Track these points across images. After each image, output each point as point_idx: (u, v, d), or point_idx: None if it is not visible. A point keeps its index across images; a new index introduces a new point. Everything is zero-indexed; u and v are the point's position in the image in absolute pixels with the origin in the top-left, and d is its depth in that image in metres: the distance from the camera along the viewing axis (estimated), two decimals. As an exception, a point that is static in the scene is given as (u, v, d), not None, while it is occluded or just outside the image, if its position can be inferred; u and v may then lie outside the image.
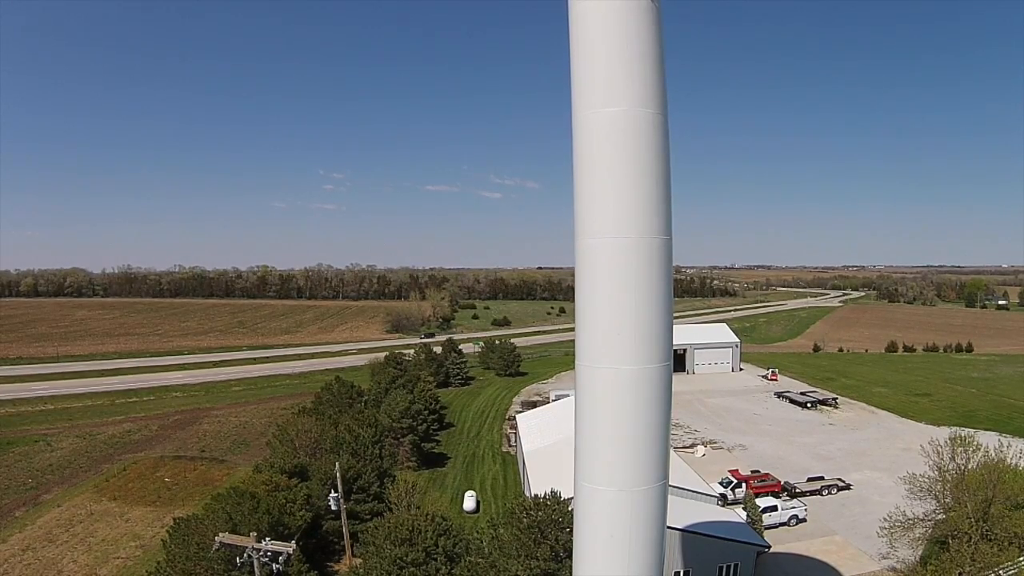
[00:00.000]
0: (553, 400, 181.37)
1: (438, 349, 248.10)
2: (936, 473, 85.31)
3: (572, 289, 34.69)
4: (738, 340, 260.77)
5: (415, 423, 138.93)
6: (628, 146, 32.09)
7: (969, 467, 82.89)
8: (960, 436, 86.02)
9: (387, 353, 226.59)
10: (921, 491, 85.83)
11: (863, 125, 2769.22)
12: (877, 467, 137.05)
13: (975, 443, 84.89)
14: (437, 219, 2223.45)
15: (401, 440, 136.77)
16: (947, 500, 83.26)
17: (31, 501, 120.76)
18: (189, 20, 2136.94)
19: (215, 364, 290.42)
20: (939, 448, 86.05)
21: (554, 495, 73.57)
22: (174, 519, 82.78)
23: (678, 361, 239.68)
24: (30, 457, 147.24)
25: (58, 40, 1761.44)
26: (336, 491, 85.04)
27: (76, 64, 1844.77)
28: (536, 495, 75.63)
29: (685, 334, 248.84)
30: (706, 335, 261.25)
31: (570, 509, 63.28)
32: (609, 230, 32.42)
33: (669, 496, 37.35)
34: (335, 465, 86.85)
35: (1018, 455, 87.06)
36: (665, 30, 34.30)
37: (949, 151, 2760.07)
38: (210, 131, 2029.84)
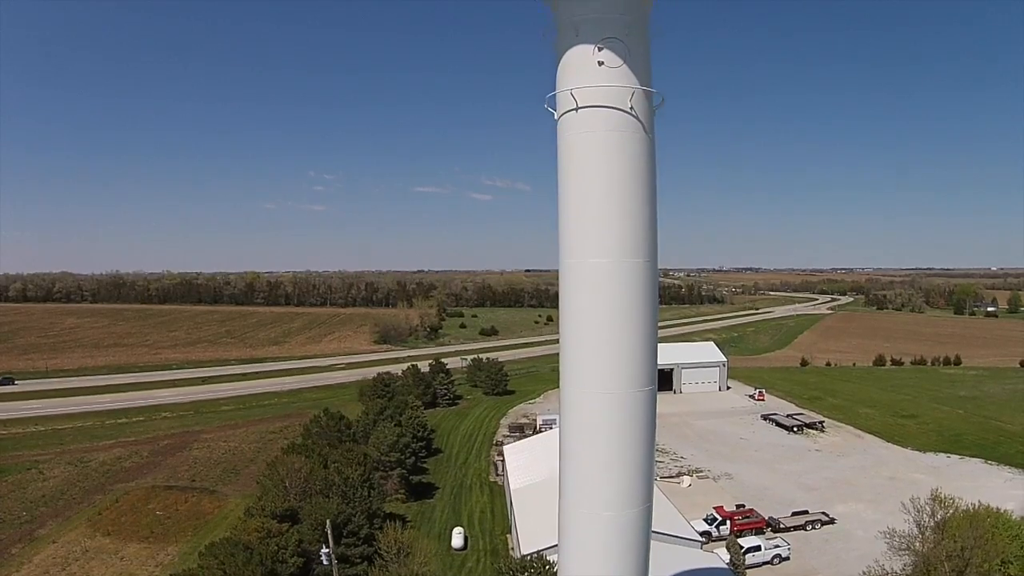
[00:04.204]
0: (540, 424, 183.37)
1: (425, 368, 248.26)
2: (916, 529, 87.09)
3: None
4: (725, 359, 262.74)
5: (403, 456, 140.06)
6: (616, 299, 32.84)
7: (948, 527, 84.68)
8: (940, 496, 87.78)
9: (376, 374, 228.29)
10: (900, 550, 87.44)
11: (852, 128, 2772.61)
12: (862, 498, 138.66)
13: (954, 504, 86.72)
14: (427, 221, 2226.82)
15: (390, 473, 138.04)
16: (926, 555, 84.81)
17: (26, 536, 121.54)
18: (179, 23, 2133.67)
19: (204, 380, 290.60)
20: (919, 506, 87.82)
21: (540, 557, 74.79)
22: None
23: (665, 380, 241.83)
24: (23, 487, 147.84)
25: (41, 42, 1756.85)
26: (327, 546, 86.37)
27: (60, 67, 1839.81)
28: (523, 555, 76.72)
29: (672, 353, 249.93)
30: (693, 354, 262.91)
31: (555, 572, 64.52)
32: (595, 386, 33.39)
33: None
34: (326, 522, 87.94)
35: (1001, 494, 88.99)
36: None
37: (938, 154, 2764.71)
38: (202, 133, 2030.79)
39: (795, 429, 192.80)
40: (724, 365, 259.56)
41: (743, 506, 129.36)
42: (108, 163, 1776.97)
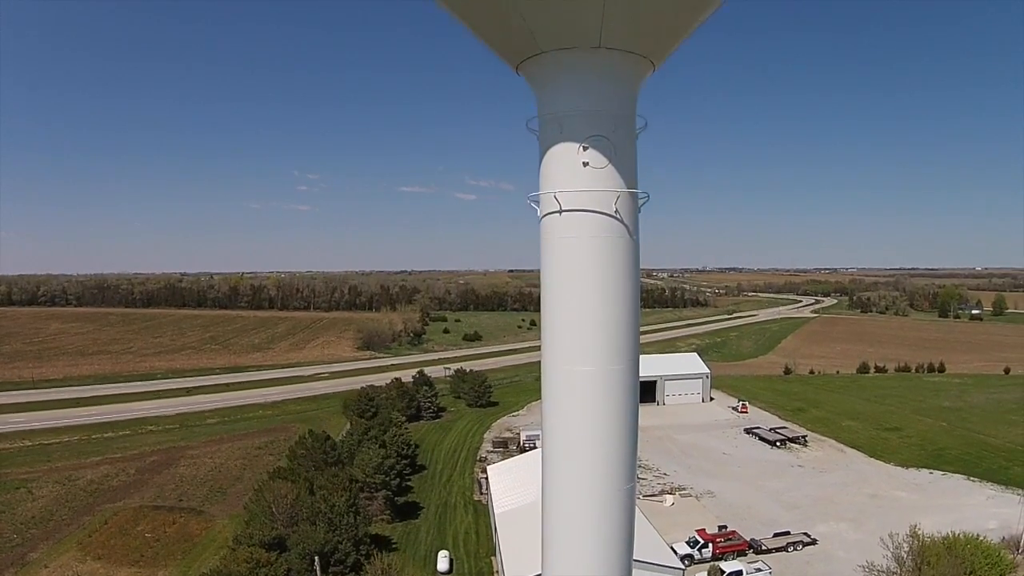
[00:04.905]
0: (524, 439, 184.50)
1: (409, 378, 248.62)
2: (895, 564, 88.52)
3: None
4: (708, 371, 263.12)
5: (388, 478, 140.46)
6: (598, 405, 32.57)
7: (926, 555, 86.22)
8: (918, 533, 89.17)
9: (360, 385, 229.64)
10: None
11: (838, 128, 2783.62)
12: (844, 517, 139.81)
13: (932, 540, 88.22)
14: (411, 220, 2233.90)
15: (375, 495, 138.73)
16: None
17: (19, 561, 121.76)
18: (162, 23, 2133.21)
19: (188, 391, 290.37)
20: (898, 543, 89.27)
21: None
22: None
23: (648, 392, 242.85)
24: (13, 507, 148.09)
25: (30, 43, 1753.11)
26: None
27: (44, 66, 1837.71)
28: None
29: (656, 364, 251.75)
30: (677, 366, 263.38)
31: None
32: (577, 486, 33.48)
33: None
34: (315, 558, 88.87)
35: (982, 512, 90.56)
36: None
37: (924, 154, 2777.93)
38: (186, 132, 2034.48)
39: (778, 444, 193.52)
40: (707, 376, 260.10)
41: (725, 527, 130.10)
42: (92, 163, 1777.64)
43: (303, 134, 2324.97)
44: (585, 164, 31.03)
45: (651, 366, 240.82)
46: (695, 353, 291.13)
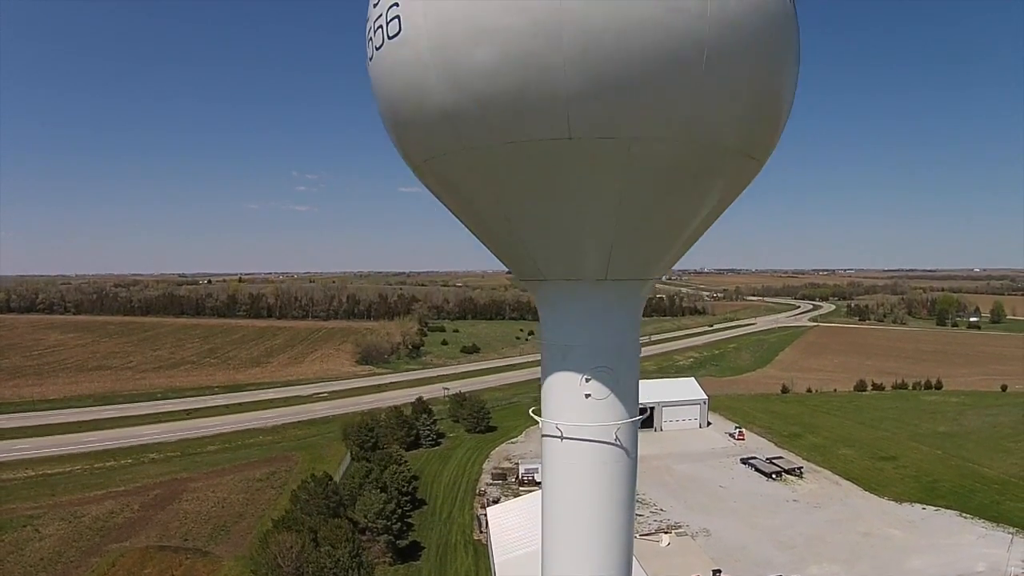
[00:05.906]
0: (523, 472, 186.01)
1: (409, 399, 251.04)
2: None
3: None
4: (705, 396, 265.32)
5: (390, 523, 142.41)
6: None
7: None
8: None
9: (359, 409, 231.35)
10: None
11: (835, 129, 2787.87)
12: (836, 558, 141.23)
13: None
14: (411, 221, 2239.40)
15: (377, 539, 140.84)
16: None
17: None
18: (161, 23, 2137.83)
19: (188, 414, 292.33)
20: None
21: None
22: None
23: (647, 419, 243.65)
24: (21, 548, 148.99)
25: (30, 43, 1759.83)
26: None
27: (41, 66, 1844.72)
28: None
29: (654, 391, 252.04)
30: (675, 392, 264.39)
31: None
32: None
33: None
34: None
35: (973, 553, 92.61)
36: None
37: (922, 155, 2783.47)
38: (185, 133, 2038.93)
39: (774, 476, 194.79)
40: (704, 403, 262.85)
41: (719, 572, 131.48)
42: (90, 164, 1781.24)
43: (303, 134, 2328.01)
44: (587, 396, 30.59)
45: (649, 392, 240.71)
46: (692, 378, 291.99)
